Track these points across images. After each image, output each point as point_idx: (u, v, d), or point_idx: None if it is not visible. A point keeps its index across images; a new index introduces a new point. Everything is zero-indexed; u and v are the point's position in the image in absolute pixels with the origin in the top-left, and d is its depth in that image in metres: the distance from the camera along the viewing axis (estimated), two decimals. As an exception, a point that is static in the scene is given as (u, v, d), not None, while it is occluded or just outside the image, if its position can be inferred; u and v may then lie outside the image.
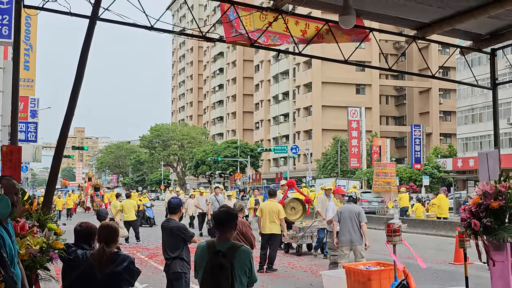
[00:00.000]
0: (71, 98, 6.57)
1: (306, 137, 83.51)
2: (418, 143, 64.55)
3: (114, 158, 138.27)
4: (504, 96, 55.48)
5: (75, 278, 5.13)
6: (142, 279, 13.26)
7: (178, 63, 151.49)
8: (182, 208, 8.68)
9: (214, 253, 4.93)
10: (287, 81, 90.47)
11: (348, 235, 11.91)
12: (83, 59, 6.61)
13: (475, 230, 6.94)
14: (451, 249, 16.80)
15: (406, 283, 8.54)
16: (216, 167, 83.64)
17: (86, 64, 6.72)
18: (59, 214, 36.52)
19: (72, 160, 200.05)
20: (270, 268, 14.50)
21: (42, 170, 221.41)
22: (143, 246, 20.89)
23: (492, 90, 8.72)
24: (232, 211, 5.32)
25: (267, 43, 7.74)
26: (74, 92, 6.60)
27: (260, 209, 15.21)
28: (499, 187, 6.78)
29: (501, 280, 6.90)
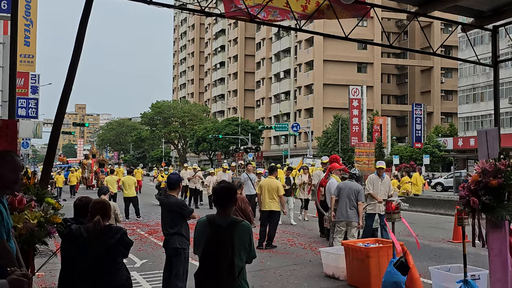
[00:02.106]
0: (69, 72, 6.54)
1: (307, 115, 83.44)
2: (419, 122, 64.43)
3: (115, 135, 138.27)
4: (506, 76, 55.33)
5: (71, 251, 5.17)
6: (142, 255, 13.34)
7: (180, 40, 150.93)
8: (181, 184, 8.66)
9: (215, 228, 4.94)
10: (288, 59, 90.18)
11: (345, 211, 12.00)
12: (80, 33, 6.57)
13: (473, 208, 6.94)
14: (450, 227, 16.85)
15: (404, 260, 8.55)
16: (217, 144, 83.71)
17: (84, 38, 6.68)
18: (59, 191, 36.42)
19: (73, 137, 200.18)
20: (269, 245, 14.55)
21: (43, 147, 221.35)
22: (143, 223, 20.97)
23: (494, 67, 8.67)
24: (232, 186, 5.33)
25: (267, 19, 7.67)
26: (72, 67, 6.57)
27: (259, 186, 15.24)
28: (498, 165, 6.77)
29: (499, 258, 6.92)
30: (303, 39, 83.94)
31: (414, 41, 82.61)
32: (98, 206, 5.28)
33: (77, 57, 6.66)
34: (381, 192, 14.16)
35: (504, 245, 6.88)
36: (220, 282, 4.80)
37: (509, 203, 6.79)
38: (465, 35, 11.82)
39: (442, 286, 8.62)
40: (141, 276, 10.93)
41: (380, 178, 14.48)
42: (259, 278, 10.65)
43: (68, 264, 5.22)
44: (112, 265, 5.14)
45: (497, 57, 8.68)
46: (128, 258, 12.46)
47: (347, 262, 10.17)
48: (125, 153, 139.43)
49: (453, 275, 8.42)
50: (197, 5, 7.63)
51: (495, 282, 6.96)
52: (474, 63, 10.38)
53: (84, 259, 5.08)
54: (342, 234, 12.16)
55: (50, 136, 6.89)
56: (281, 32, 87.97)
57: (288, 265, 12.18)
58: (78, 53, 6.63)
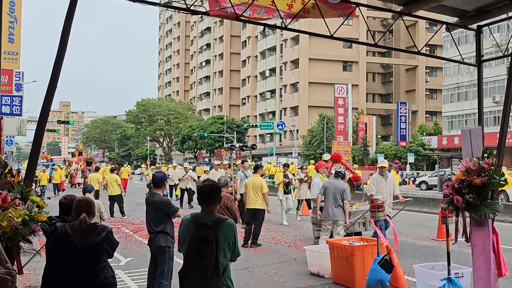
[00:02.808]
0: (54, 70, 6.50)
1: (292, 114, 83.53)
2: (403, 120, 64.82)
3: (100, 133, 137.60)
4: (490, 75, 55.72)
5: (56, 249, 5.14)
6: (127, 253, 13.31)
7: (165, 37, 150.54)
8: (167, 182, 8.65)
9: (200, 225, 4.94)
10: (274, 57, 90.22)
11: (331, 210, 12.02)
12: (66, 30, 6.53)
13: (457, 206, 6.99)
14: (435, 226, 16.95)
15: (388, 258, 8.60)
16: (202, 142, 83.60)
17: (69, 36, 6.64)
18: (43, 189, 36.12)
19: (57, 135, 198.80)
20: (254, 243, 14.57)
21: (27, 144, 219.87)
22: (128, 221, 20.91)
23: (477, 67, 8.73)
24: (216, 185, 5.33)
25: (253, 17, 7.67)
26: (57, 64, 6.53)
27: (244, 185, 15.25)
28: (482, 163, 6.82)
29: (482, 255, 6.98)
30: (288, 38, 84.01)
31: (399, 40, 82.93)
32: (83, 204, 5.26)
33: (62, 54, 6.62)
34: (386, 192, 13.59)
35: (487, 243, 6.94)
36: (204, 280, 4.79)
37: (492, 202, 6.85)
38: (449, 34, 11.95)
39: (426, 284, 8.68)
40: (126, 275, 10.91)
41: (383, 178, 13.83)
42: (244, 276, 10.67)
43: (52, 262, 5.20)
44: (97, 263, 5.12)
45: (481, 56, 8.75)
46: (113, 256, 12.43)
47: (332, 260, 10.21)
48: (110, 151, 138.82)
49: (437, 273, 8.48)
50: (182, 3, 7.61)
51: (478, 279, 7.01)
52: (458, 62, 10.45)
53: (69, 257, 5.06)
54: (328, 233, 12.19)
55: (35, 134, 6.85)
56: (267, 30, 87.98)
57: (273, 263, 12.20)
58: (63, 50, 6.59)
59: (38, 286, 6.61)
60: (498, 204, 6.85)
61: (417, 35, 78.32)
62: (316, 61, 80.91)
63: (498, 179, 6.76)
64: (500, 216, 18.94)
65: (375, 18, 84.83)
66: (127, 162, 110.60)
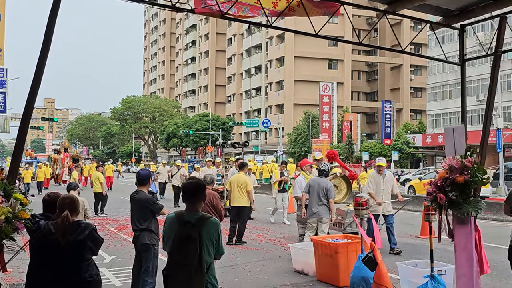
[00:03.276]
0: (38, 66, 6.47)
1: (278, 111, 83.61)
2: (388, 118, 65.10)
3: (85, 130, 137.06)
4: (474, 74, 56.10)
5: (40, 247, 5.12)
6: (111, 251, 13.28)
7: (150, 35, 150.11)
8: (151, 180, 8.64)
9: (183, 223, 4.94)
10: (259, 55, 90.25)
11: (315, 208, 12.03)
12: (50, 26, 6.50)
13: (440, 204, 7.04)
14: (418, 223, 17.05)
15: (372, 255, 8.64)
16: (187, 140, 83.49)
17: (53, 32, 6.59)
18: (27, 187, 35.71)
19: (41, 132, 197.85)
20: (239, 241, 14.58)
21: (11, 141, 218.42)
22: (113, 218, 20.85)
23: (461, 65, 8.78)
24: (201, 182, 5.33)
25: (238, 15, 7.68)
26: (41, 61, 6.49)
27: (229, 182, 15.27)
28: (465, 162, 6.87)
29: (464, 253, 7.03)
30: (274, 35, 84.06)
31: (385, 39, 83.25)
32: (66, 201, 5.24)
33: (46, 50, 6.58)
34: (384, 190, 13.28)
35: (469, 240, 7.00)
36: (188, 278, 4.80)
37: (474, 199, 6.90)
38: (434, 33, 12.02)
39: (410, 281, 8.73)
40: (110, 272, 10.88)
41: (381, 176, 13.41)
42: (228, 273, 10.68)
43: (36, 260, 5.18)
44: (81, 261, 5.11)
45: (464, 55, 8.81)
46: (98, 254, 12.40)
47: (316, 258, 10.24)
48: (94, 148, 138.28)
49: (420, 270, 8.54)
50: (167, 1, 7.60)
51: (460, 276, 7.07)
52: (441, 61, 10.52)
53: (53, 255, 5.04)
54: (313, 231, 12.19)
55: (18, 131, 6.80)
56: (252, 28, 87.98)
57: (257, 260, 12.23)
58: (47, 46, 6.55)
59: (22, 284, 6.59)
60: (481, 202, 6.91)
61: (402, 33, 78.68)
62: (302, 59, 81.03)
63: (480, 177, 6.81)
64: (483, 214, 19.13)
65: (360, 17, 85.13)
66: (111, 159, 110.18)
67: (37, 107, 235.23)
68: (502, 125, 38.77)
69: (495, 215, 19.91)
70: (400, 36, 76.98)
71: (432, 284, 7.68)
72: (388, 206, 13.38)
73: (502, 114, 43.30)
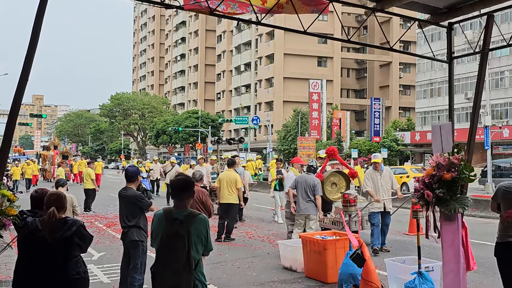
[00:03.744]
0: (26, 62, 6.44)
1: (267, 109, 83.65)
2: (377, 116, 65.28)
3: (74, 127, 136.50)
4: (463, 72, 56.38)
5: (27, 244, 5.11)
6: (100, 248, 13.26)
7: (140, 31, 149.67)
8: (140, 177, 8.62)
9: (172, 220, 4.94)
10: (249, 52, 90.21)
11: (303, 204, 12.08)
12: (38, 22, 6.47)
13: (428, 201, 7.08)
14: (406, 220, 17.11)
15: (360, 252, 8.68)
16: (176, 137, 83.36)
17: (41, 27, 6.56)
18: (16, 184, 35.46)
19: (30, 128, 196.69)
20: (228, 238, 14.60)
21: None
22: (102, 215, 20.80)
23: (448, 63, 8.83)
24: (189, 179, 5.34)
25: (227, 11, 7.68)
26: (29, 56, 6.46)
27: (218, 179, 15.26)
28: (452, 159, 6.91)
29: (451, 249, 7.08)
30: (264, 33, 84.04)
31: (374, 36, 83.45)
32: (53, 198, 5.22)
33: (34, 46, 6.54)
34: (382, 187, 12.83)
35: (456, 237, 7.04)
36: (176, 274, 4.80)
37: (461, 196, 6.95)
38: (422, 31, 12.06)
39: (397, 278, 8.78)
40: (99, 269, 10.88)
41: (378, 172, 12.94)
42: (217, 270, 10.69)
43: (24, 256, 5.16)
44: (68, 258, 5.09)
45: (452, 53, 8.86)
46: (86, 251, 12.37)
47: (305, 254, 10.28)
48: (83, 145, 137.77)
49: (408, 266, 8.58)
50: (156, -3, 7.60)
51: (447, 273, 7.12)
52: (429, 59, 10.57)
53: (40, 251, 5.03)
54: (301, 227, 12.25)
55: (6, 127, 6.76)
56: (242, 25, 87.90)
57: (246, 257, 12.25)
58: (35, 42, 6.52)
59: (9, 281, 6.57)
60: (468, 199, 6.97)
61: (391, 31, 78.85)
62: (291, 56, 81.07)
63: (467, 174, 6.86)
64: (470, 211, 19.22)
65: (349, 14, 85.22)
66: (100, 156, 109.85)
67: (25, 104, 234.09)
68: (490, 122, 38.97)
69: (482, 212, 20.02)
70: (389, 34, 77.16)
71: (419, 280, 7.72)
72: (389, 203, 13.12)
73: (490, 112, 43.55)
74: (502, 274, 6.69)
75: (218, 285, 9.52)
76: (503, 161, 40.55)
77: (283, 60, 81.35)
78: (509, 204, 6.62)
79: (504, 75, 57.40)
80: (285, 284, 9.66)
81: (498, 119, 53.22)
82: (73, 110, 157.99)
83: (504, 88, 57.33)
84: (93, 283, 9.39)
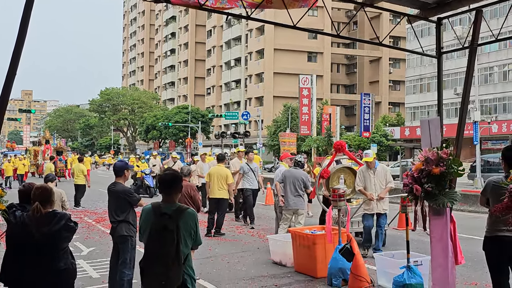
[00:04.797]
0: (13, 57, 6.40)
1: (257, 104, 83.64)
2: (367, 111, 65.29)
3: (63, 122, 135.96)
4: (452, 67, 56.58)
5: (15, 237, 5.10)
6: (89, 243, 13.23)
7: (129, 26, 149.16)
8: (127, 172, 8.58)
9: (160, 215, 4.95)
10: (239, 47, 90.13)
11: (291, 200, 12.08)
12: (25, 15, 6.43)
13: (416, 196, 7.10)
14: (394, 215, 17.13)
15: (349, 246, 8.73)
16: (166, 132, 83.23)
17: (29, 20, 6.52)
18: (8, 180, 35.01)
19: (19, 124, 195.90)
20: (217, 233, 14.60)
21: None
22: (91, 210, 20.74)
23: (437, 58, 8.86)
24: (177, 174, 5.36)
25: (216, 6, 7.66)
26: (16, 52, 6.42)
27: (208, 174, 15.25)
28: (440, 153, 6.93)
29: (440, 244, 7.11)
30: (254, 28, 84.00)
31: (364, 32, 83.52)
32: (37, 192, 5.21)
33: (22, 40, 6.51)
34: (376, 186, 11.75)
35: (445, 231, 7.07)
36: (165, 269, 4.80)
37: (450, 191, 6.97)
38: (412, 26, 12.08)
39: (386, 272, 8.82)
40: (88, 264, 10.85)
41: (371, 170, 11.82)
42: (207, 265, 10.70)
43: (12, 250, 5.16)
44: (57, 250, 5.09)
45: (441, 48, 8.88)
46: (75, 246, 12.37)
47: (294, 249, 10.29)
48: (73, 141, 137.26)
49: (397, 261, 8.63)
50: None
51: (436, 267, 7.15)
52: (418, 54, 10.60)
53: (28, 245, 5.03)
54: (288, 222, 12.27)
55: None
56: (232, 20, 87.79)
57: (236, 252, 12.26)
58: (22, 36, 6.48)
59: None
60: (456, 193, 6.99)
61: (381, 27, 78.91)
62: (281, 51, 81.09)
63: (456, 169, 6.88)
64: (459, 206, 19.31)
65: (340, 9, 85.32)
66: (90, 151, 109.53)
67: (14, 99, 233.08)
68: (479, 118, 39.16)
69: (471, 206, 20.12)
70: (379, 29, 77.24)
71: (408, 274, 7.77)
72: (383, 203, 11.93)
73: (479, 107, 43.76)
74: (490, 267, 6.72)
75: (207, 280, 9.52)
76: (492, 156, 40.75)
77: (273, 55, 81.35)
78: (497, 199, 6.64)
79: (493, 71, 57.66)
80: (274, 279, 9.67)
81: (487, 114, 53.43)
82: (63, 106, 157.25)
83: (493, 83, 57.62)
84: (82, 277, 9.40)
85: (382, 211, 11.88)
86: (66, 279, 5.20)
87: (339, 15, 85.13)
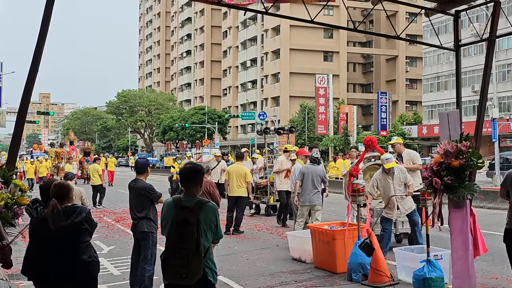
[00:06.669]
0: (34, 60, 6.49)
1: (273, 104, 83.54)
2: (384, 110, 65.03)
3: (81, 124, 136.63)
4: (470, 64, 56.19)
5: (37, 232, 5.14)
6: (109, 242, 13.33)
7: (145, 28, 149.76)
8: (149, 169, 8.67)
9: (181, 208, 4.98)
10: (255, 48, 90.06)
11: (309, 195, 12.08)
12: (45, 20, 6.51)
13: (436, 188, 7.10)
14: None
15: (369, 241, 8.72)
16: (183, 133, 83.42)
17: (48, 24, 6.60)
18: (31, 183, 34.74)
19: (37, 126, 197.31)
20: (236, 230, 14.66)
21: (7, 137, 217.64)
22: (110, 210, 20.90)
23: (456, 51, 8.84)
24: (197, 167, 5.38)
25: (233, 2, 7.70)
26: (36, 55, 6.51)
27: (227, 172, 15.32)
28: (460, 146, 6.93)
29: (460, 236, 7.11)
30: (269, 28, 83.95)
31: (380, 30, 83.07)
32: (56, 188, 5.24)
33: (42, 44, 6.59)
34: (396, 191, 10.81)
35: (465, 224, 7.07)
36: (186, 261, 4.83)
37: (470, 183, 6.97)
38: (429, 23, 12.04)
39: (406, 266, 8.81)
40: (109, 262, 10.94)
41: (389, 175, 10.82)
42: (226, 262, 10.74)
43: (34, 244, 5.21)
44: (79, 242, 5.13)
45: (459, 41, 8.87)
46: (95, 245, 12.45)
47: (313, 245, 10.30)
48: (90, 143, 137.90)
49: (417, 255, 8.61)
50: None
51: (456, 260, 7.16)
52: (437, 47, 10.58)
53: (49, 239, 5.05)
54: (303, 218, 12.28)
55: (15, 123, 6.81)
56: (248, 20, 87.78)
57: (255, 249, 12.30)
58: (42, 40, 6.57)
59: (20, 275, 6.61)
60: (476, 185, 6.99)
61: (397, 24, 78.53)
62: (297, 51, 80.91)
63: (475, 161, 6.88)
64: (479, 202, 19.21)
65: (355, 8, 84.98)
66: (107, 153, 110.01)
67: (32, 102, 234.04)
68: (498, 115, 38.86)
69: (490, 203, 20.02)
70: (396, 27, 76.81)
71: (428, 268, 7.75)
72: (408, 202, 11.10)
73: (498, 104, 43.39)
74: (511, 260, 6.70)
75: (227, 276, 9.56)
76: (511, 153, 40.43)
77: (289, 55, 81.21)
78: (517, 191, 6.63)
79: (511, 68, 57.18)
80: (294, 275, 9.69)
81: (506, 111, 53.02)
82: (80, 108, 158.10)
83: (511, 80, 57.12)
84: (103, 275, 9.47)
85: (408, 210, 11.09)
86: (91, 270, 5.25)
87: (355, 14, 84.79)
